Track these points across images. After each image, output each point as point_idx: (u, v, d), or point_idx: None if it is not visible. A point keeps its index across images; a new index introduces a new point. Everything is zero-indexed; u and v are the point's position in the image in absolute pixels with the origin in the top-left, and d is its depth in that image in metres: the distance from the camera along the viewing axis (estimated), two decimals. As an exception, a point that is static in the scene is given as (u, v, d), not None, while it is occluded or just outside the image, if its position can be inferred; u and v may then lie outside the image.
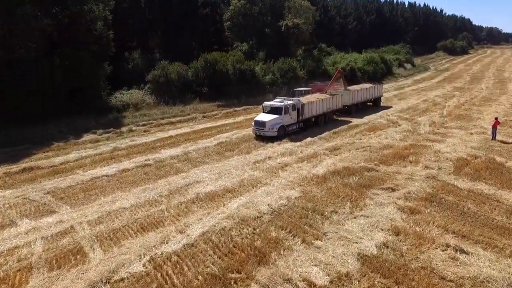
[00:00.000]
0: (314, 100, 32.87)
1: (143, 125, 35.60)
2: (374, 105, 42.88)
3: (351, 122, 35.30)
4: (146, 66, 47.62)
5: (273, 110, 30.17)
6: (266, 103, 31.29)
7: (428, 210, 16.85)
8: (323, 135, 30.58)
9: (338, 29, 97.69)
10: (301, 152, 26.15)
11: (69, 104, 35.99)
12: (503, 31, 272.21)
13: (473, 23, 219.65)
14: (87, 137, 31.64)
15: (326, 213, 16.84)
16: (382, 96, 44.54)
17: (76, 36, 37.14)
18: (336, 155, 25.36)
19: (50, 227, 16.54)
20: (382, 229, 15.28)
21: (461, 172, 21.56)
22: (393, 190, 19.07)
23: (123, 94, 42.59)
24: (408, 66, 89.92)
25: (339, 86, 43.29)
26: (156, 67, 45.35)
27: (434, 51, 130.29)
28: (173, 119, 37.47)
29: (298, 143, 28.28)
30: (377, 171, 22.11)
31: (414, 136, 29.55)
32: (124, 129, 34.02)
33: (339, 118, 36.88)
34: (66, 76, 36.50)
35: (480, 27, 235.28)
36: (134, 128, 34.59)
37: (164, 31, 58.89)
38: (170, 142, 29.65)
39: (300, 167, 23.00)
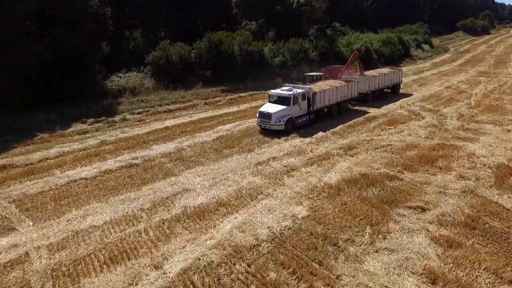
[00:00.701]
0: (327, 88, 28.96)
1: (139, 113, 32.13)
2: (392, 92, 38.75)
3: (368, 112, 31.38)
4: (148, 47, 43.87)
5: (280, 100, 26.42)
6: (273, 91, 27.47)
7: (470, 242, 13.22)
8: (336, 129, 26.83)
9: (352, 7, 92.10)
10: (311, 151, 22.51)
11: (61, 89, 32.62)
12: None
13: (495, 0, 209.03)
14: (76, 127, 28.34)
15: (340, 242, 13.34)
16: (401, 82, 40.31)
17: (69, 14, 33.47)
18: (352, 156, 21.68)
19: (0, 253, 13.35)
20: (413, 272, 11.74)
21: (504, 184, 17.76)
22: (423, 210, 15.42)
23: (120, 78, 39.07)
24: (426, 47, 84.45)
25: (354, 71, 39.12)
26: (157, 48, 41.58)
27: (453, 31, 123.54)
28: (171, 106, 33.92)
29: (308, 139, 24.63)
30: (401, 180, 18.43)
31: (441, 133, 25.63)
32: (117, 117, 30.64)
33: (354, 108, 32.98)
34: (58, 59, 33.00)
35: (503, 5, 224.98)
36: (128, 116, 31.17)
37: (169, 8, 54.77)
38: (165, 135, 26.20)
39: (310, 172, 19.41)
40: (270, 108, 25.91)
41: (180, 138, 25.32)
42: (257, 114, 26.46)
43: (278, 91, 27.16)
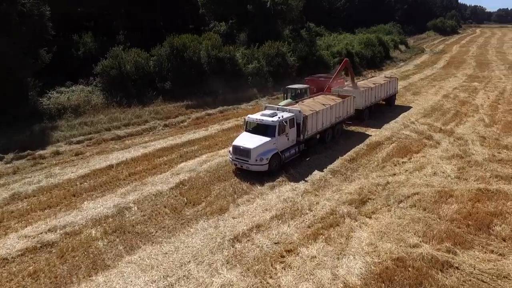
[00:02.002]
0: (320, 109, 21.92)
1: (78, 142, 24.19)
2: (387, 104, 32.20)
3: (369, 136, 24.59)
4: (102, 53, 35.66)
5: (262, 129, 19.19)
6: (251, 117, 20.09)
7: None
8: (336, 165, 19.85)
9: (326, 7, 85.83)
10: (309, 209, 15.40)
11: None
12: (486, 10, 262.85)
13: (458, 1, 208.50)
14: (-14, 167, 20.29)
15: None
16: (397, 92, 33.87)
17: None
18: (369, 217, 14.73)
19: None
20: None
21: None
22: None
23: (61, 93, 30.88)
24: (403, 47, 79.19)
25: (344, 81, 32.45)
26: (107, 55, 33.57)
27: (424, 30, 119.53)
28: (122, 131, 26.08)
29: (302, 185, 17.52)
30: (458, 268, 11.61)
31: (473, 169, 19.06)
32: (48, 150, 22.64)
33: (349, 129, 26.14)
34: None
35: (464, 6, 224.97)
36: (63, 148, 23.22)
37: (128, 8, 46.46)
38: (105, 180, 18.52)
39: (315, 257, 12.27)
40: (248, 141, 18.65)
41: (126, 187, 17.71)
42: (231, 149, 19.16)
43: (258, 116, 19.80)
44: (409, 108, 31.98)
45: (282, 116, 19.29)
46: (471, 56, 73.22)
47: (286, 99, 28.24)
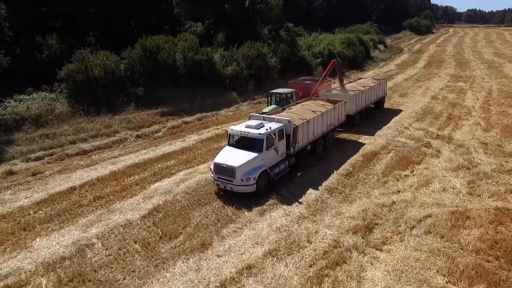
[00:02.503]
0: (311, 117, 19.45)
1: (37, 158, 21.05)
2: (376, 107, 30.06)
3: (363, 144, 22.30)
4: (70, 56, 32.17)
5: (247, 143, 16.54)
6: (234, 129, 17.38)
7: None
8: (331, 181, 17.42)
9: (305, 7, 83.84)
10: (308, 240, 12.86)
11: None
12: (456, 10, 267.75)
13: (430, 1, 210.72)
14: None
15: None
16: (386, 95, 31.85)
17: None
18: (380, 249, 12.33)
19: None
20: None
21: None
22: None
23: (20, 101, 27.48)
24: (381, 47, 77.95)
25: (330, 84, 30.21)
26: (73, 59, 30.30)
27: (400, 30, 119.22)
28: (88, 145, 23.00)
29: (296, 209, 14.98)
30: (501, 322, 9.33)
31: (485, 183, 16.94)
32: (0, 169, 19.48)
33: (341, 136, 23.81)
34: None
35: (436, 6, 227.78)
36: (18, 166, 20.04)
37: (98, 8, 43.00)
38: (65, 207, 15.54)
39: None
40: (232, 157, 16.00)
41: (89, 216, 14.81)
42: (212, 167, 16.46)
43: (242, 128, 17.10)
44: (399, 111, 29.95)
45: (270, 128, 16.69)
46: (449, 56, 72.52)
47: (270, 104, 25.72)
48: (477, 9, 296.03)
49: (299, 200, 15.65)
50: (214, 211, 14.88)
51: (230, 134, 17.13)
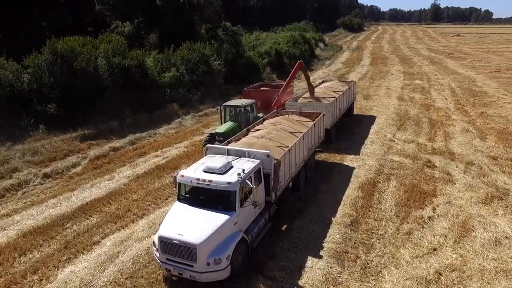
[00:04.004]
0: (293, 142, 13.60)
1: None
2: (347, 115, 24.90)
3: (351, 168, 16.93)
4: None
5: (209, 198, 10.26)
6: (187, 175, 10.62)
7: None
8: (334, 237, 11.70)
9: (241, 5, 78.38)
10: None
11: None
12: (381, 10, 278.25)
13: (358, 1, 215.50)
14: None
15: None
16: (355, 99, 27.02)
17: None
18: None
19: None
20: None
21: None
22: None
23: None
24: (321, 45, 74.70)
25: (292, 91, 24.76)
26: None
27: (334, 28, 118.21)
28: (-35, 196, 15.47)
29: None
30: None
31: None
32: None
33: (319, 157, 18.20)
34: None
35: (363, 5, 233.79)
36: None
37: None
38: None
39: None
40: (188, 225, 9.66)
41: None
42: (156, 242, 9.96)
43: (199, 173, 10.58)
44: (373, 118, 25.20)
45: (243, 170, 10.56)
46: (389, 52, 70.94)
47: (225, 121, 19.52)
48: (398, 9, 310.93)
49: (299, 283, 9.79)
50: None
51: (180, 181, 10.73)
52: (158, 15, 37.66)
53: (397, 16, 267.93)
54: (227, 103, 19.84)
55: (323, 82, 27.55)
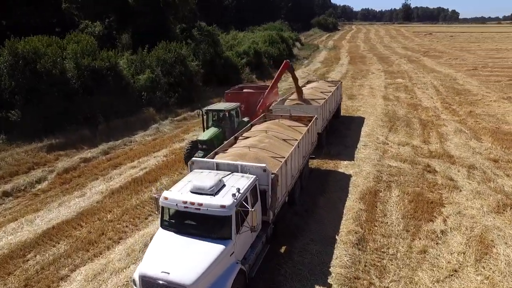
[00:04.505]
0: (289, 152, 12.02)
1: None
2: (335, 117, 23.51)
3: (347, 175, 15.59)
4: None
5: (199, 224, 8.59)
6: (172, 197, 8.80)
7: None
8: (341, 261, 10.23)
9: (216, 4, 76.42)
10: None
11: None
12: (353, 9, 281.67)
13: (331, 1, 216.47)
14: None
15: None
16: (341, 100, 25.79)
17: None
18: None
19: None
20: None
21: None
22: None
23: None
24: (298, 45, 73.79)
25: (277, 93, 23.22)
26: None
27: (309, 27, 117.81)
28: None
29: None
30: None
31: None
32: None
33: (311, 164, 16.72)
34: None
35: (335, 5, 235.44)
36: None
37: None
38: None
39: None
40: (176, 259, 7.97)
41: None
42: (135, 280, 8.19)
43: (186, 195, 8.79)
44: (361, 119, 24.06)
45: (238, 190, 8.88)
46: (366, 51, 70.75)
47: (207, 127, 17.80)
48: (370, 9, 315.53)
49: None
50: None
51: (164, 204, 9.00)
52: (130, 14, 35.47)
53: (369, 16, 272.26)
54: (209, 107, 18.15)
55: (308, 82, 26.24)
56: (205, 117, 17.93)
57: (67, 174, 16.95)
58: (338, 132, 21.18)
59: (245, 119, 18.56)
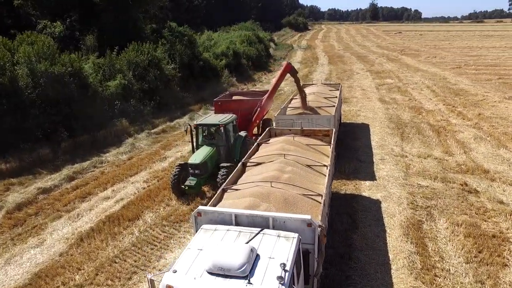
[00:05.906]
0: (325, 185, 8.99)
1: None
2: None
3: (375, 201, 12.69)
4: None
5: None
6: (176, 285, 5.58)
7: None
8: None
9: (186, 4, 72.55)
10: None
11: None
12: (321, 9, 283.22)
13: (299, 1, 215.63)
14: None
15: None
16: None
17: None
18: None
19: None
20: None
21: None
22: None
23: None
24: (272, 45, 71.09)
25: (272, 100, 20.06)
26: None
27: (279, 28, 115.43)
28: None
29: None
30: None
31: None
32: None
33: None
34: None
35: (303, 5, 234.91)
36: None
37: None
38: None
39: None
40: None
41: None
42: None
43: (201, 282, 5.64)
44: (365, 126, 21.35)
45: (283, 266, 5.61)
46: (342, 50, 68.83)
47: (198, 146, 14.42)
48: (336, 9, 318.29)
49: None
50: None
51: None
52: (94, 11, 31.38)
53: (336, 16, 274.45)
54: (200, 121, 14.69)
55: (304, 86, 23.23)
56: (194, 132, 14.59)
57: (19, 211, 13.17)
58: (346, 144, 18.29)
59: (242, 133, 15.32)
